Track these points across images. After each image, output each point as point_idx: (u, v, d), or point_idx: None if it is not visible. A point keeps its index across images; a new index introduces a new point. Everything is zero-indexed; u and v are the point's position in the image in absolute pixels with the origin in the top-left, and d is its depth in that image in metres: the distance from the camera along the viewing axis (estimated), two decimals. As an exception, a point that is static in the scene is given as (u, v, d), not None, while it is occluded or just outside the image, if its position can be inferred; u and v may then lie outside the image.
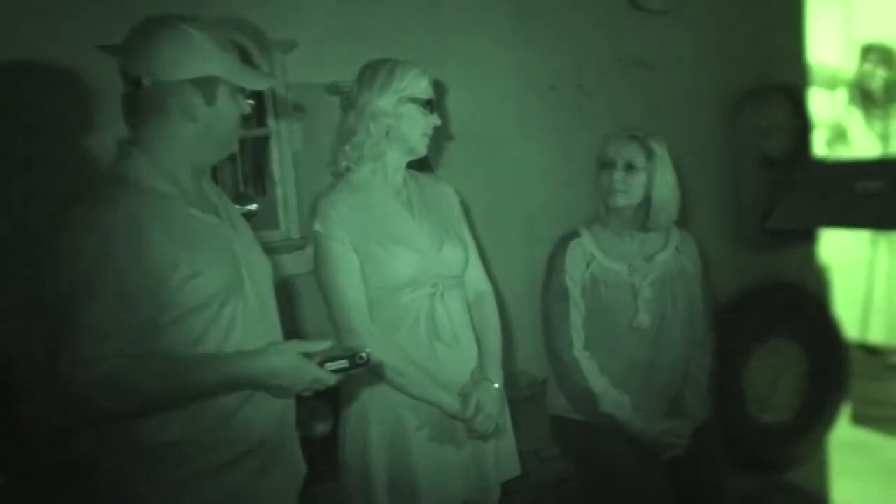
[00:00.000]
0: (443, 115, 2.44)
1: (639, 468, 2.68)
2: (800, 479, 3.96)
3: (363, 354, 1.79)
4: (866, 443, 4.90)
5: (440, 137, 3.10)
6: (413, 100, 2.33)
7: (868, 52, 5.10)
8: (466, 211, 2.63)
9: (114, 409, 1.66)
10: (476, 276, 2.53)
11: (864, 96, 5.11)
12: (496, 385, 2.40)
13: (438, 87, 2.47)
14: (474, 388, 2.35)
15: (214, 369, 1.72)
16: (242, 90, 1.87)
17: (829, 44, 4.66)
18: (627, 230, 2.82)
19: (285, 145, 3.06)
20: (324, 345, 1.79)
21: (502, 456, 2.50)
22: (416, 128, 2.34)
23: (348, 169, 2.36)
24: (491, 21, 3.42)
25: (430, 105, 2.35)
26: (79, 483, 2.19)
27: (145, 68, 1.74)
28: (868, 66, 5.06)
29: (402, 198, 2.40)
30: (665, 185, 2.75)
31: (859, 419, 5.08)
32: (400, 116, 2.33)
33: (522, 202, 3.52)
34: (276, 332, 1.95)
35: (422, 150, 2.38)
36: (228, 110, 1.83)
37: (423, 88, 2.34)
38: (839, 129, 5.11)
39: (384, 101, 2.31)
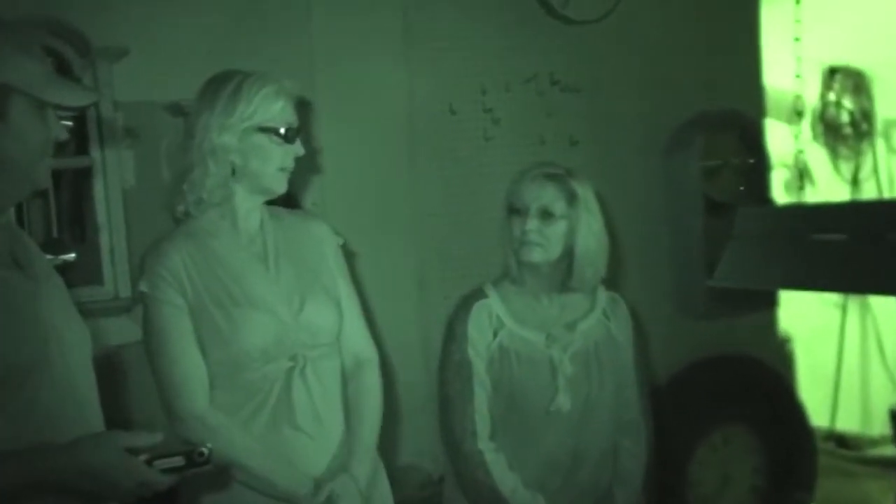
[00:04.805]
0: (313, 144, 2.44)
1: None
2: None
3: (203, 450, 1.75)
4: (837, 555, 5.09)
5: (308, 171, 3.13)
6: (264, 129, 2.31)
7: (833, 76, 5.30)
8: (349, 256, 2.61)
9: None
10: (355, 339, 2.51)
11: (830, 130, 5.30)
12: (360, 480, 2.37)
13: (304, 106, 2.47)
14: (329, 480, 2.32)
15: (7, 467, 1.64)
16: (56, 108, 1.81)
17: (789, 66, 4.79)
18: (545, 291, 2.83)
19: (113, 179, 3.07)
20: (154, 437, 1.75)
21: None
22: (270, 163, 2.33)
23: (188, 213, 2.35)
24: (376, 30, 3.47)
25: (288, 133, 2.33)
26: None
27: None
28: (833, 95, 5.26)
29: (255, 246, 2.39)
30: (590, 236, 2.77)
31: (828, 526, 5.28)
32: (247, 151, 2.31)
33: (413, 253, 3.54)
34: (95, 420, 1.89)
35: (279, 188, 2.38)
36: (29, 133, 1.77)
37: (276, 113, 2.31)
38: (801, 169, 5.27)
39: (227, 134, 2.29)
